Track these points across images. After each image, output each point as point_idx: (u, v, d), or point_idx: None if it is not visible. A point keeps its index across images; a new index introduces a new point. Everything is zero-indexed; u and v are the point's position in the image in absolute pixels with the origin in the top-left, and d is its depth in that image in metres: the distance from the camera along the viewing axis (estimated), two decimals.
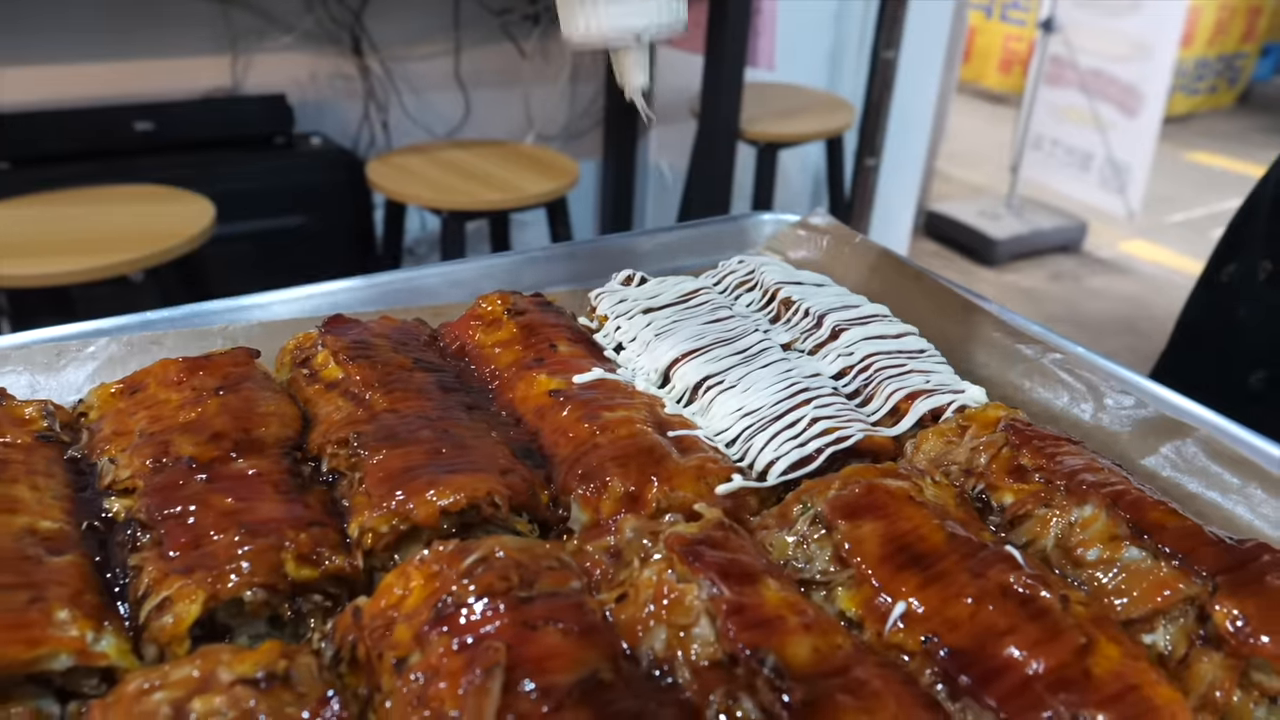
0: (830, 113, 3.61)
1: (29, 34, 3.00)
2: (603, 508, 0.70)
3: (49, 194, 2.62)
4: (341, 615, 0.60)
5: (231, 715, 0.50)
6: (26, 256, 2.34)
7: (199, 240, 2.47)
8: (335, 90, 3.49)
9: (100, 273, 2.31)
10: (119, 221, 2.51)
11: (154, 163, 2.99)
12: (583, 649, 0.55)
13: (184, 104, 3.21)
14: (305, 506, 0.68)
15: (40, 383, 0.90)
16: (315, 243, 3.20)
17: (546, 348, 0.86)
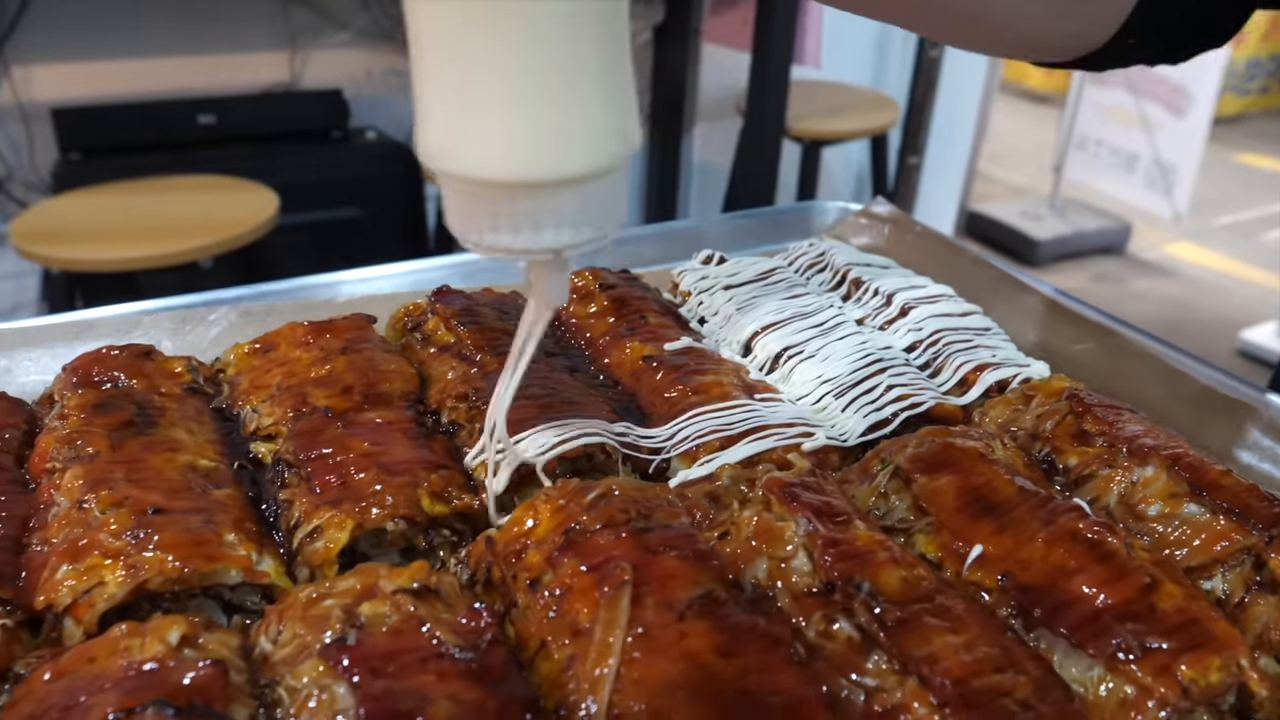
0: (875, 110, 3.65)
1: (100, 30, 3.12)
2: (700, 458, 0.77)
3: (119, 184, 2.73)
4: (475, 544, 0.67)
5: (395, 618, 0.57)
6: (99, 243, 2.44)
7: (265, 229, 2.57)
8: (389, 85, 3.59)
9: (173, 259, 2.41)
10: (188, 210, 2.61)
11: (216, 155, 3.09)
12: (698, 571, 0.61)
13: (245, 98, 3.31)
14: (432, 451, 0.75)
15: (168, 346, 0.97)
16: (370, 234, 3.29)
17: (637, 318, 0.93)
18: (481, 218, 0.60)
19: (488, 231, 0.60)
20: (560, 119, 0.56)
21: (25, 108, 3.07)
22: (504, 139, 0.56)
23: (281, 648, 0.57)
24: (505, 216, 0.59)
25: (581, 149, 0.58)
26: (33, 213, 2.60)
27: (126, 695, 0.52)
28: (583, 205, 0.60)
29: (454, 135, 0.57)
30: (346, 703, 0.52)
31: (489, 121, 0.55)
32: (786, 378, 0.89)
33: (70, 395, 0.77)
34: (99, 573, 0.62)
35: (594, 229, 0.62)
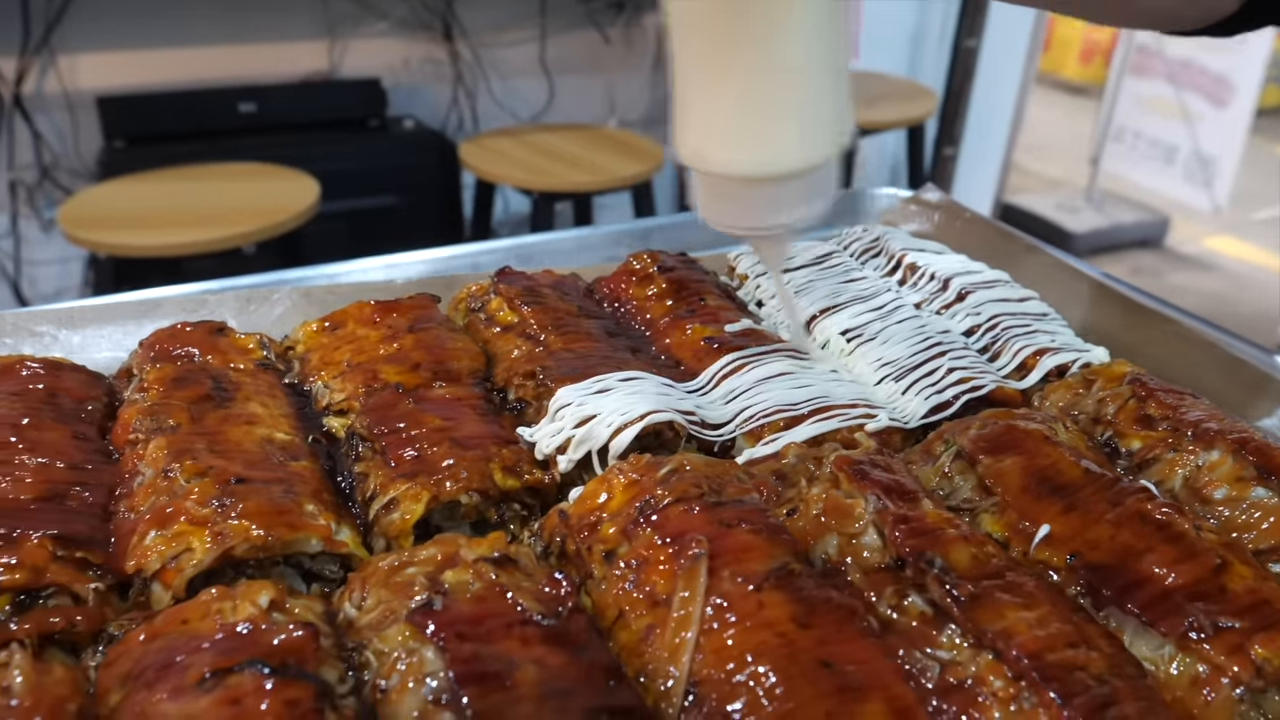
0: (911, 101, 3.63)
1: (144, 20, 3.16)
2: (764, 437, 0.77)
3: (162, 171, 2.76)
4: (548, 517, 0.68)
5: (478, 585, 0.59)
6: (145, 228, 2.47)
7: (306, 216, 2.59)
8: (426, 75, 3.61)
9: (217, 244, 2.44)
10: (230, 197, 2.64)
11: (256, 142, 3.12)
12: (771, 545, 0.62)
13: (284, 87, 3.34)
14: (501, 427, 0.76)
15: (234, 324, 0.99)
16: (406, 222, 3.31)
17: (696, 300, 0.94)
18: (728, 204, 0.72)
19: (733, 214, 0.73)
20: (793, 126, 0.67)
21: (71, 96, 3.11)
22: (749, 144, 0.68)
23: (367, 613, 0.59)
24: (747, 203, 0.71)
25: (810, 147, 0.69)
26: (79, 199, 2.64)
27: (222, 655, 0.54)
28: (808, 188, 0.71)
29: (707, 141, 0.69)
30: (435, 665, 0.54)
31: (736, 130, 0.68)
32: (847, 360, 0.90)
33: (149, 369, 0.79)
34: (186, 539, 0.64)
35: (816, 205, 0.73)
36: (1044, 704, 0.54)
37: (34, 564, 0.61)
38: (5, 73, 3.01)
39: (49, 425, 0.73)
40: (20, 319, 0.95)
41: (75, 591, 0.62)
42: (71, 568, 0.63)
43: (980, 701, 0.55)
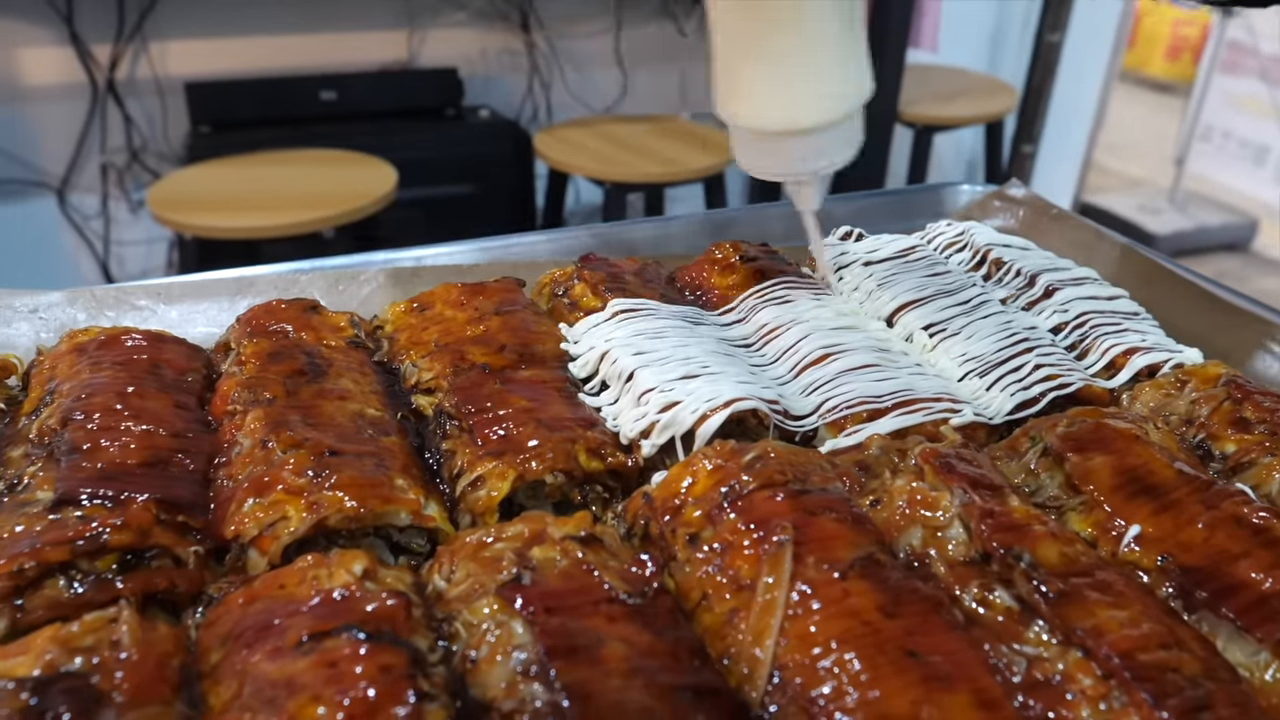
0: (990, 96, 3.57)
1: (231, 9, 3.24)
2: (847, 428, 0.77)
3: (245, 156, 2.84)
4: (632, 499, 0.69)
5: (565, 563, 0.60)
6: (228, 211, 2.54)
7: (384, 202, 2.64)
8: (503, 65, 3.64)
9: (298, 228, 2.50)
10: (311, 182, 2.70)
11: (335, 130, 3.18)
12: (856, 534, 0.62)
13: (364, 76, 3.40)
14: (585, 411, 0.77)
15: (323, 303, 1.02)
16: (480, 211, 3.35)
17: (777, 289, 0.93)
18: (762, 155, 0.86)
19: (766, 163, 0.86)
20: (819, 84, 0.80)
21: (161, 82, 3.21)
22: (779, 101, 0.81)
23: (456, 586, 0.60)
24: (780, 153, 0.84)
25: (834, 102, 0.82)
26: (167, 181, 2.73)
27: (319, 619, 0.55)
28: (834, 139, 0.84)
29: (743, 101, 0.83)
30: (523, 638, 0.55)
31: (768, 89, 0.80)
32: (930, 354, 0.89)
33: (246, 344, 0.82)
34: (283, 508, 0.66)
35: (840, 155, 0.86)
36: (1135, 704, 0.53)
37: (139, 525, 0.63)
38: (100, 59, 3.11)
39: (152, 394, 0.75)
40: (123, 293, 0.99)
41: (176, 554, 0.65)
42: (173, 531, 0.65)
43: (1068, 699, 0.54)
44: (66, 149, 3.21)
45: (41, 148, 3.19)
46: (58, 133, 3.18)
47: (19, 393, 0.82)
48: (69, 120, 3.17)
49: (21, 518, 0.65)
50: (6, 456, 0.72)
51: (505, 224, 3.40)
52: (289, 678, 0.52)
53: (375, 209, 2.61)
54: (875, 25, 3.12)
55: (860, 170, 3.12)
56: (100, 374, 0.76)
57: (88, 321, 0.96)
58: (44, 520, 0.64)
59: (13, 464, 0.71)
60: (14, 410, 0.79)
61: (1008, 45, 4.12)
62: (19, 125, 3.13)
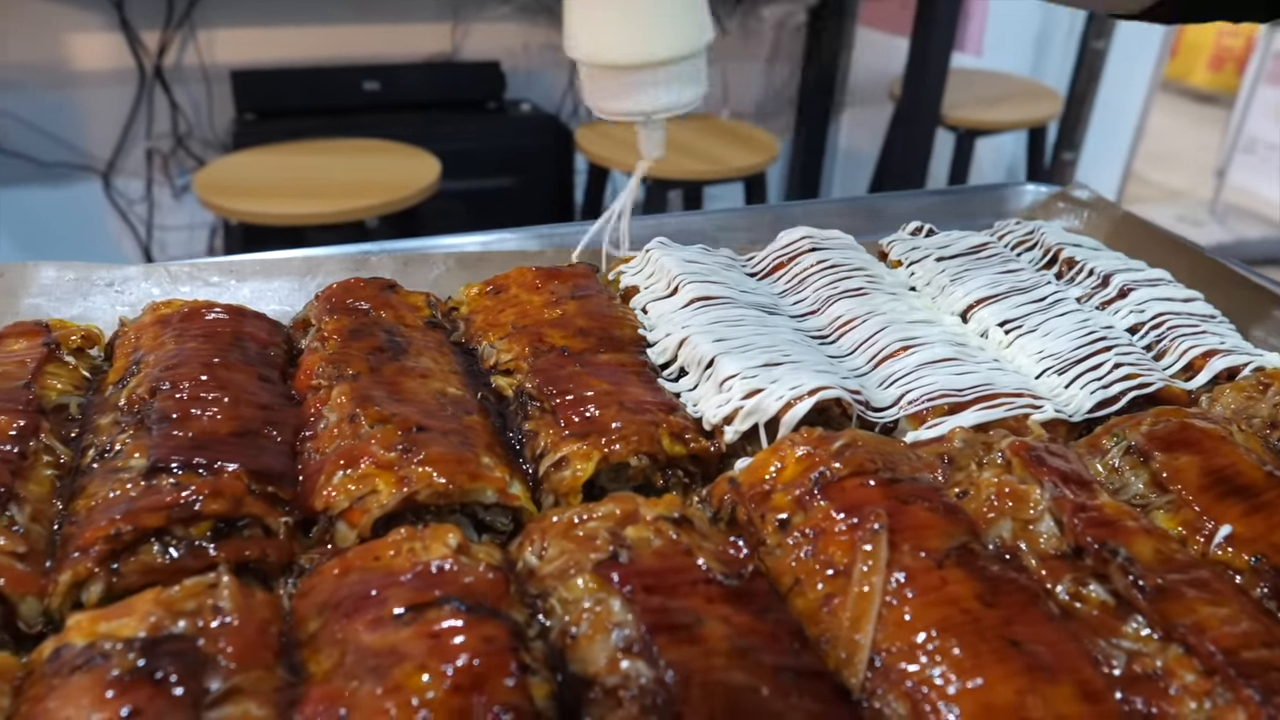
0: (1034, 101, 3.54)
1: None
2: (928, 420, 0.77)
3: (290, 144, 2.85)
4: (717, 484, 0.69)
5: (659, 543, 0.60)
6: (274, 198, 2.56)
7: (428, 192, 2.65)
8: (544, 59, 3.65)
9: (343, 216, 2.51)
10: (355, 171, 2.72)
11: (378, 120, 3.20)
12: (949, 524, 0.62)
13: (407, 67, 3.42)
14: (665, 395, 0.77)
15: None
16: (520, 204, 3.36)
17: (848, 280, 0.93)
18: (613, 93, 0.89)
19: (606, 100, 0.90)
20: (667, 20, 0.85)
21: (207, 70, 3.24)
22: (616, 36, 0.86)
23: (548, 563, 0.60)
24: (630, 90, 0.88)
25: (682, 39, 0.86)
26: (213, 167, 2.75)
27: (418, 590, 0.55)
28: (681, 77, 0.88)
29: (585, 32, 0.87)
30: (622, 616, 0.55)
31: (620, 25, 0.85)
32: (1005, 351, 0.88)
33: (327, 320, 0.82)
34: (372, 481, 0.66)
35: (687, 95, 0.90)
36: (1241, 700, 0.52)
37: (233, 494, 0.64)
38: (149, 45, 3.14)
39: (237, 366, 0.76)
40: (196, 269, 1.00)
41: (267, 524, 0.65)
42: (264, 501, 0.65)
43: (1170, 694, 0.54)
44: (113, 134, 3.24)
45: (88, 132, 3.23)
46: (105, 118, 3.22)
47: (102, 363, 0.83)
48: (116, 105, 3.20)
49: (115, 483, 0.65)
50: (95, 424, 0.73)
51: (544, 218, 3.36)
52: (391, 647, 0.52)
53: (419, 199, 2.62)
54: (920, 28, 3.11)
55: (900, 174, 3.10)
56: (186, 345, 0.77)
57: (162, 296, 0.97)
58: (138, 486, 0.64)
59: (102, 431, 0.72)
60: (99, 379, 0.80)
61: (1051, 51, 4.08)
62: (67, 110, 3.17)
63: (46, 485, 0.68)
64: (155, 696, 0.49)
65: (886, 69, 3.66)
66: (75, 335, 0.82)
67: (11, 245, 3.25)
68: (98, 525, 0.62)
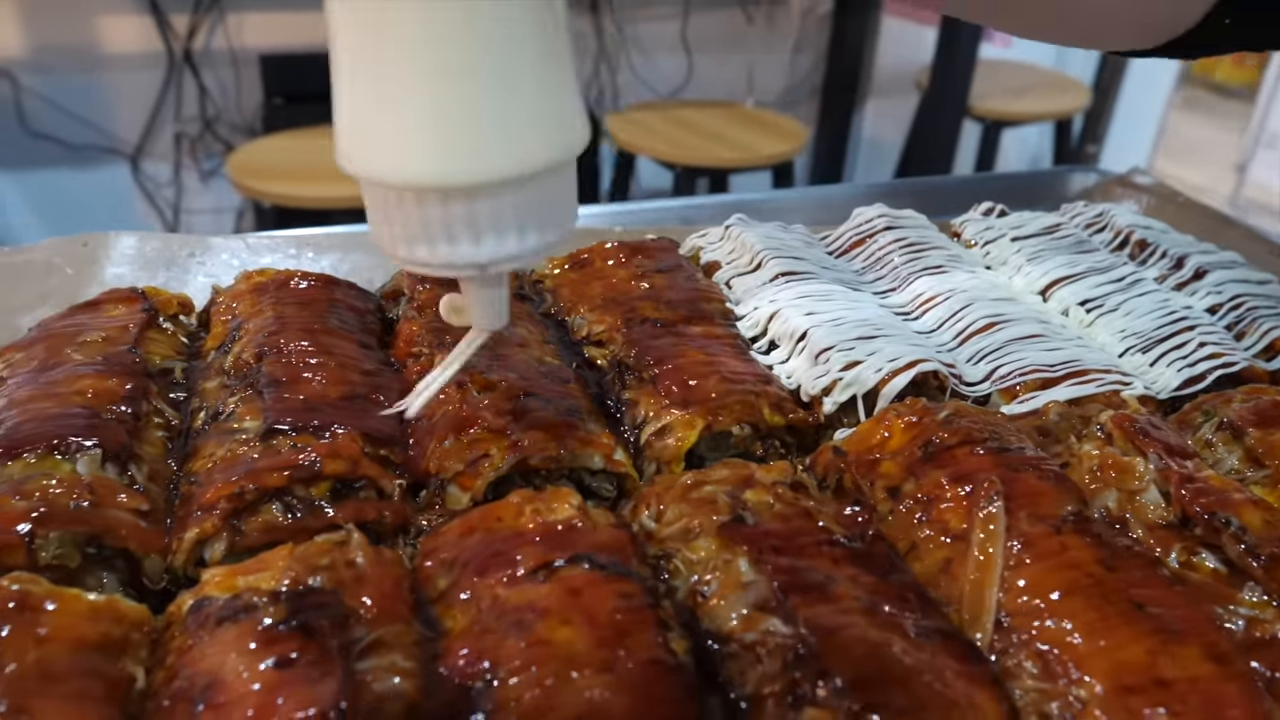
0: (1060, 93, 3.54)
1: None
2: (1020, 395, 0.77)
3: (321, 128, 2.86)
4: (820, 453, 0.70)
5: (779, 506, 0.61)
6: (306, 180, 2.57)
7: None
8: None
9: None
10: None
11: None
12: (1061, 492, 0.62)
13: None
14: (760, 367, 0.78)
15: None
16: None
17: (925, 257, 0.94)
18: (397, 228, 0.53)
19: (403, 244, 0.54)
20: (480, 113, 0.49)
21: (236, 53, 3.24)
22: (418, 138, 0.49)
23: (667, 525, 0.61)
24: (422, 228, 0.52)
25: (506, 149, 0.50)
26: (246, 150, 2.76)
27: (550, 549, 0.56)
28: (512, 212, 0.52)
29: (362, 133, 0.51)
30: (751, 576, 0.55)
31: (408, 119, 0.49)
32: (1087, 330, 0.89)
33: (421, 290, 0.83)
34: (484, 446, 0.67)
35: (524, 241, 0.54)
36: None
37: (350, 456, 0.65)
38: (178, 28, 3.15)
39: (338, 333, 0.77)
40: (274, 241, 1.01)
41: (381, 486, 0.66)
42: (379, 464, 0.66)
43: None
44: (141, 117, 3.25)
45: (117, 115, 3.24)
46: (133, 101, 3.23)
47: (197, 330, 0.84)
48: (145, 89, 3.21)
49: (232, 444, 0.66)
50: (201, 388, 0.74)
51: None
52: (530, 603, 0.53)
53: None
54: (949, 18, 3.10)
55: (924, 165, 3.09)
56: (285, 311, 0.78)
57: (241, 267, 0.98)
58: (257, 447, 0.65)
59: (210, 395, 0.73)
60: (196, 345, 0.81)
61: None
62: (96, 93, 3.18)
63: (159, 446, 0.69)
64: (307, 645, 0.50)
65: (912, 58, 3.66)
66: (172, 302, 0.82)
67: (40, 227, 3.26)
68: (220, 485, 0.63)
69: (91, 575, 0.61)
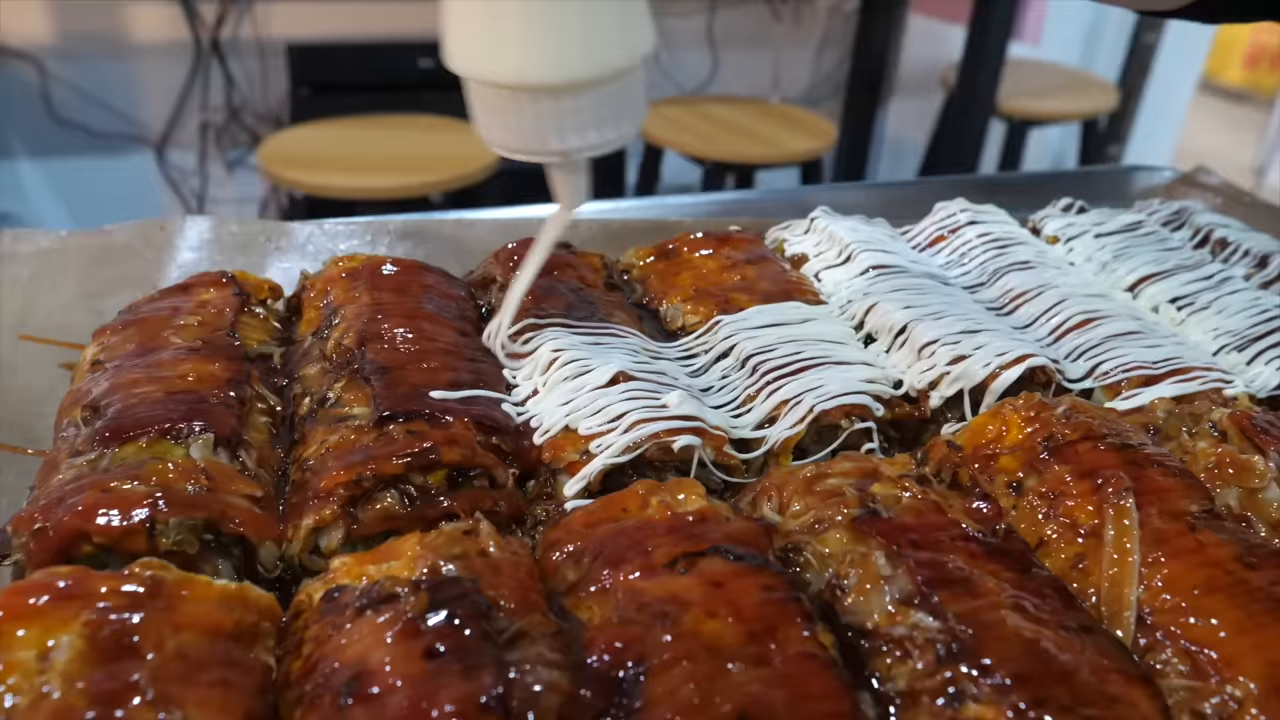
0: (1087, 93, 3.52)
1: None
2: (1123, 391, 0.77)
3: (349, 118, 2.84)
4: (933, 446, 0.69)
5: (906, 498, 0.60)
6: (340, 171, 2.56)
7: (491, 169, 2.65)
8: None
9: (410, 190, 2.52)
10: (417, 146, 2.72)
11: (431, 98, 3.18)
12: (1188, 488, 0.62)
13: None
14: (864, 360, 0.77)
15: None
16: None
17: (1008, 252, 0.93)
18: (508, 121, 0.63)
19: (505, 133, 0.64)
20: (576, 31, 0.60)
21: (263, 43, 3.23)
22: (521, 48, 0.60)
23: (794, 518, 0.60)
24: (529, 120, 0.62)
25: (596, 57, 0.61)
26: (276, 140, 2.75)
27: (686, 541, 0.55)
28: (600, 107, 0.62)
29: (483, 46, 0.61)
30: (890, 570, 0.55)
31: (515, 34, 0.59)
32: (1179, 327, 0.88)
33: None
34: (599, 436, 0.66)
35: (602, 133, 0.64)
36: None
37: (466, 444, 0.64)
38: (205, 17, 3.14)
39: (437, 319, 0.76)
40: (352, 227, 1.00)
41: (494, 475, 0.65)
42: (492, 453, 0.65)
43: None
44: (167, 106, 3.24)
45: (143, 104, 3.23)
46: (160, 89, 3.21)
47: (287, 315, 0.83)
48: (171, 77, 3.20)
49: (344, 430, 0.65)
50: (302, 373, 0.73)
51: (596, 198, 3.39)
52: (672, 595, 0.52)
53: (483, 176, 2.62)
54: (979, 16, 3.09)
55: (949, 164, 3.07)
56: (382, 296, 0.77)
57: (316, 252, 0.97)
58: (370, 434, 0.64)
59: (311, 381, 0.72)
60: (289, 330, 0.80)
61: (1103, 41, 4.06)
62: (123, 81, 3.17)
63: (264, 432, 0.69)
64: (455, 635, 0.49)
65: (938, 56, 3.65)
66: (263, 286, 0.82)
67: (64, 215, 3.26)
68: (337, 472, 0.62)
69: (208, 563, 0.60)
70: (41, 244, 0.94)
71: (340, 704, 0.47)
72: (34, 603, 0.50)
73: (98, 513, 0.58)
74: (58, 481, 0.62)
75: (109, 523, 0.57)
